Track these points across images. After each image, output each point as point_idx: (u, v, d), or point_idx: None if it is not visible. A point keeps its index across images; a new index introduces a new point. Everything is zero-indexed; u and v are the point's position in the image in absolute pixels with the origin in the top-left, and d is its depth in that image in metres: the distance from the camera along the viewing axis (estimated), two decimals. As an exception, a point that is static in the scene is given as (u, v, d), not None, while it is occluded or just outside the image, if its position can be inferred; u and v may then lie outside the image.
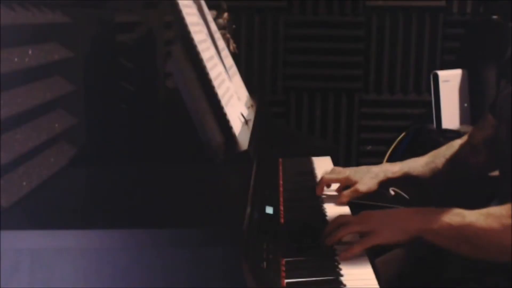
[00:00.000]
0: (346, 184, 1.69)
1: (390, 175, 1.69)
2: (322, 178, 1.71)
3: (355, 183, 1.67)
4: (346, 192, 1.65)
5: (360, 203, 1.74)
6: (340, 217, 1.41)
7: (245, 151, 1.24)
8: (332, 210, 1.62)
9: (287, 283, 1.17)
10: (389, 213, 1.39)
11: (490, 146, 1.62)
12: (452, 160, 1.69)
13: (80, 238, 0.87)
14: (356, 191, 1.65)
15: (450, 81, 2.93)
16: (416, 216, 1.33)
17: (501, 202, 1.34)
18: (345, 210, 1.62)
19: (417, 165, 1.71)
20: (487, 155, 1.64)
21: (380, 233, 1.31)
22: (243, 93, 1.88)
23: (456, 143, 1.73)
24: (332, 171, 1.75)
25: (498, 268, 1.34)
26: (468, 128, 2.87)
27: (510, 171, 1.38)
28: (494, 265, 1.34)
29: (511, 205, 1.25)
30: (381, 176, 1.68)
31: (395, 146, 3.09)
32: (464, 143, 1.71)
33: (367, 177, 1.68)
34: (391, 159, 3.07)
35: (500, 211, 1.27)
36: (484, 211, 1.28)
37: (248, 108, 1.72)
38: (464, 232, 1.27)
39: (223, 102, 1.32)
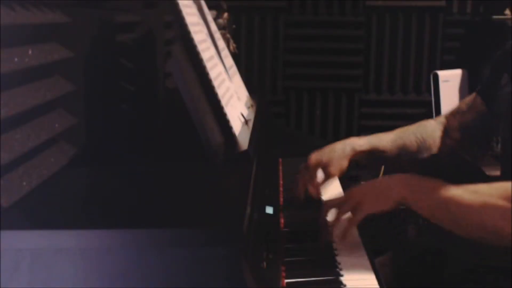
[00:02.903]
0: (316, 169, 1.61)
1: (357, 148, 1.62)
2: (299, 182, 1.62)
3: (325, 164, 1.59)
4: (320, 181, 1.60)
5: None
6: (327, 202, 1.41)
7: (245, 151, 1.24)
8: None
9: (287, 283, 1.17)
10: (372, 183, 1.39)
11: (465, 131, 1.61)
12: (423, 140, 1.67)
13: (80, 238, 0.86)
14: (329, 176, 1.59)
15: (450, 81, 2.93)
16: (399, 183, 1.31)
17: None
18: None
19: (384, 140, 1.66)
20: (458, 139, 1.63)
21: (365, 204, 1.31)
22: (243, 93, 1.88)
23: (428, 123, 1.71)
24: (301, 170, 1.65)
25: (498, 268, 1.34)
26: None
27: None
28: (494, 265, 1.34)
29: (502, 186, 1.20)
30: (348, 151, 1.61)
31: (395, 146, 3.09)
32: (438, 124, 1.69)
33: (335, 157, 1.60)
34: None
35: (489, 189, 1.22)
36: (471, 187, 1.24)
37: (248, 108, 1.72)
38: (446, 204, 1.24)
39: (223, 102, 1.32)
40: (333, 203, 1.39)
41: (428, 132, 1.67)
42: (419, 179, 1.31)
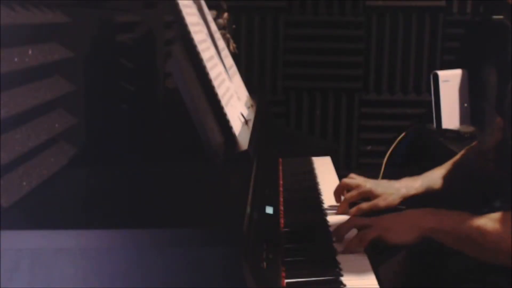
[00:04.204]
0: (366, 196, 1.66)
1: (413, 191, 1.66)
2: (341, 182, 1.67)
3: (376, 197, 1.64)
4: (365, 205, 1.63)
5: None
6: (352, 219, 1.42)
7: (245, 151, 1.24)
8: (332, 210, 1.62)
9: (287, 283, 1.17)
10: (400, 214, 1.41)
11: (500, 152, 1.61)
12: (461, 169, 1.68)
13: (80, 238, 0.86)
14: (375, 205, 1.63)
15: (450, 81, 2.93)
16: (427, 216, 1.35)
17: (505, 202, 1.35)
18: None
19: (436, 178, 1.69)
20: (497, 161, 1.62)
21: (391, 233, 1.33)
22: (243, 93, 1.88)
23: (468, 151, 1.72)
24: (351, 179, 1.70)
25: (498, 268, 1.34)
26: (468, 128, 2.87)
27: None
28: (494, 265, 1.34)
29: None
30: (403, 192, 1.65)
31: (395, 146, 3.09)
32: (470, 151, 1.69)
33: (389, 192, 1.65)
34: (391, 159, 3.06)
35: (509, 216, 1.28)
36: (492, 216, 1.30)
37: (248, 108, 1.72)
38: (473, 235, 1.29)
39: (223, 102, 1.32)
40: (360, 223, 1.40)
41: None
42: (445, 212, 1.35)
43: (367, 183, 1.66)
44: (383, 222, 1.37)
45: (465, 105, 2.99)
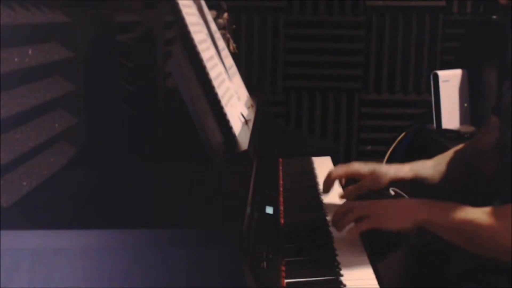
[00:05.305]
0: (353, 176, 1.66)
1: (401, 174, 1.64)
2: (330, 174, 1.67)
3: (363, 176, 1.63)
4: (351, 187, 1.62)
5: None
6: (347, 203, 1.42)
7: (245, 151, 1.24)
8: (332, 210, 1.62)
9: (287, 283, 1.17)
10: (395, 202, 1.40)
11: (497, 150, 1.61)
12: (467, 170, 1.68)
13: (80, 238, 0.87)
14: (362, 186, 1.62)
15: (450, 81, 2.93)
16: (421, 206, 1.34)
17: (504, 202, 1.34)
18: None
19: (425, 167, 1.68)
20: (496, 160, 1.61)
21: (385, 218, 1.33)
22: (243, 93, 1.88)
23: (464, 149, 1.71)
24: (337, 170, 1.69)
25: (498, 268, 1.34)
26: (468, 128, 2.87)
27: None
28: (494, 265, 1.34)
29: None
30: (391, 174, 1.64)
31: (395, 146, 3.09)
32: (470, 149, 1.69)
33: (376, 174, 1.63)
34: (391, 159, 3.07)
35: (503, 210, 1.27)
36: (487, 209, 1.29)
37: (248, 108, 1.72)
38: (466, 227, 1.28)
39: (223, 102, 1.32)
40: (353, 205, 1.39)
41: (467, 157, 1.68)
42: (440, 204, 1.34)
43: (355, 164, 1.66)
44: (378, 210, 1.36)
45: (465, 105, 2.99)
